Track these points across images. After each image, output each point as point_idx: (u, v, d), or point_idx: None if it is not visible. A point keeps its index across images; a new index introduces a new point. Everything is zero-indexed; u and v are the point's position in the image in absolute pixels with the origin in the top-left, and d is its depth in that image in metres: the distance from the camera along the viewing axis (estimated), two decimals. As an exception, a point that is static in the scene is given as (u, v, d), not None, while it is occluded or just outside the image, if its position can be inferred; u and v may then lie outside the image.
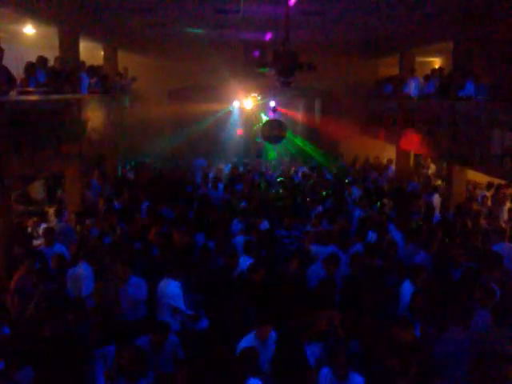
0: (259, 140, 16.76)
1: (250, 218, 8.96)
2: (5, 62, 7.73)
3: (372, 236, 8.17)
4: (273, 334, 5.17)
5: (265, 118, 18.45)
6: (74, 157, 9.95)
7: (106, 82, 12.17)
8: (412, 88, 13.04)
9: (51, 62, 9.85)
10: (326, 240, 7.66)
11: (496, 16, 9.67)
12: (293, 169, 15.92)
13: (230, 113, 20.46)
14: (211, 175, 13.46)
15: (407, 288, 6.14)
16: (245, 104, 20.02)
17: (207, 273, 6.73)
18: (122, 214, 9.21)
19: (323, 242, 7.68)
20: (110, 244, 7.82)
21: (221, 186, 12.05)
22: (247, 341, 5.09)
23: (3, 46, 7.73)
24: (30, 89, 8.43)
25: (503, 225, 9.92)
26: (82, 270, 6.58)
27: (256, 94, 19.57)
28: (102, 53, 14.53)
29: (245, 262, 6.76)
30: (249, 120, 20.51)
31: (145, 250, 7.57)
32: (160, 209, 9.67)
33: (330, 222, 8.97)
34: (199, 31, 14.69)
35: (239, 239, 7.89)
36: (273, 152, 18.82)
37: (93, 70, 11.43)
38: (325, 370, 4.68)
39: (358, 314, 5.49)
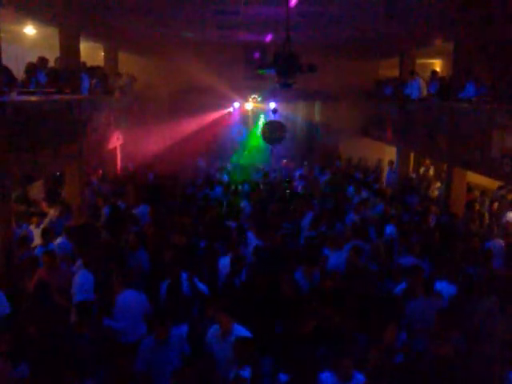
0: None
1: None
2: (5, 63, 7.73)
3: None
4: (237, 329, 5.05)
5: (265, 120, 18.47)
6: (73, 157, 9.95)
7: (107, 83, 12.17)
8: (413, 89, 13.03)
9: (51, 63, 9.87)
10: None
11: (496, 17, 9.68)
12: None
13: (230, 114, 20.48)
14: (218, 176, 13.50)
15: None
16: (245, 105, 20.05)
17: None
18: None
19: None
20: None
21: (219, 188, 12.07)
22: (211, 332, 5.13)
23: (4, 46, 7.73)
24: (31, 89, 8.44)
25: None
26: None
27: (256, 96, 19.59)
28: (103, 53, 14.55)
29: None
30: (249, 121, 20.55)
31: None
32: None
33: (328, 226, 8.83)
34: (200, 32, 14.70)
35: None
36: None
37: (93, 71, 11.44)
38: (326, 374, 4.40)
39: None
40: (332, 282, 6.13)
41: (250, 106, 20.11)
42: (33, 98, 8.17)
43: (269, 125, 12.53)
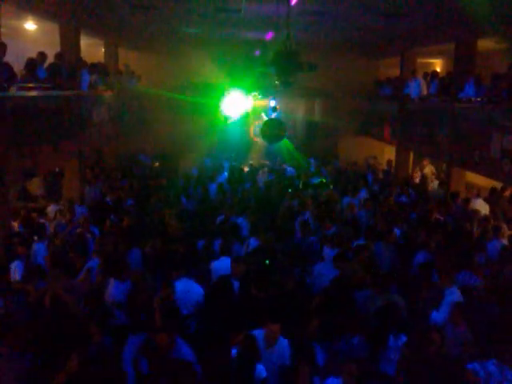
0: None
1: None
2: (5, 58, 7.73)
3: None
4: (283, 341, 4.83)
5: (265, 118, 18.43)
6: (73, 154, 9.95)
7: (107, 79, 12.16)
8: (412, 89, 13.04)
9: (52, 59, 9.85)
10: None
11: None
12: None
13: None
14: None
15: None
16: (245, 103, 19.99)
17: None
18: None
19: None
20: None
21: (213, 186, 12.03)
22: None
23: (4, 41, 7.74)
24: (31, 85, 8.42)
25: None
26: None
27: (256, 93, 19.54)
28: (103, 50, 14.53)
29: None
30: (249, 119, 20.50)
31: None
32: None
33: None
34: (200, 30, 14.68)
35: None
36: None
37: (93, 67, 11.42)
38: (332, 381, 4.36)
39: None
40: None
41: (249, 103, 20.05)
42: (33, 94, 8.16)
43: (268, 123, 12.47)
